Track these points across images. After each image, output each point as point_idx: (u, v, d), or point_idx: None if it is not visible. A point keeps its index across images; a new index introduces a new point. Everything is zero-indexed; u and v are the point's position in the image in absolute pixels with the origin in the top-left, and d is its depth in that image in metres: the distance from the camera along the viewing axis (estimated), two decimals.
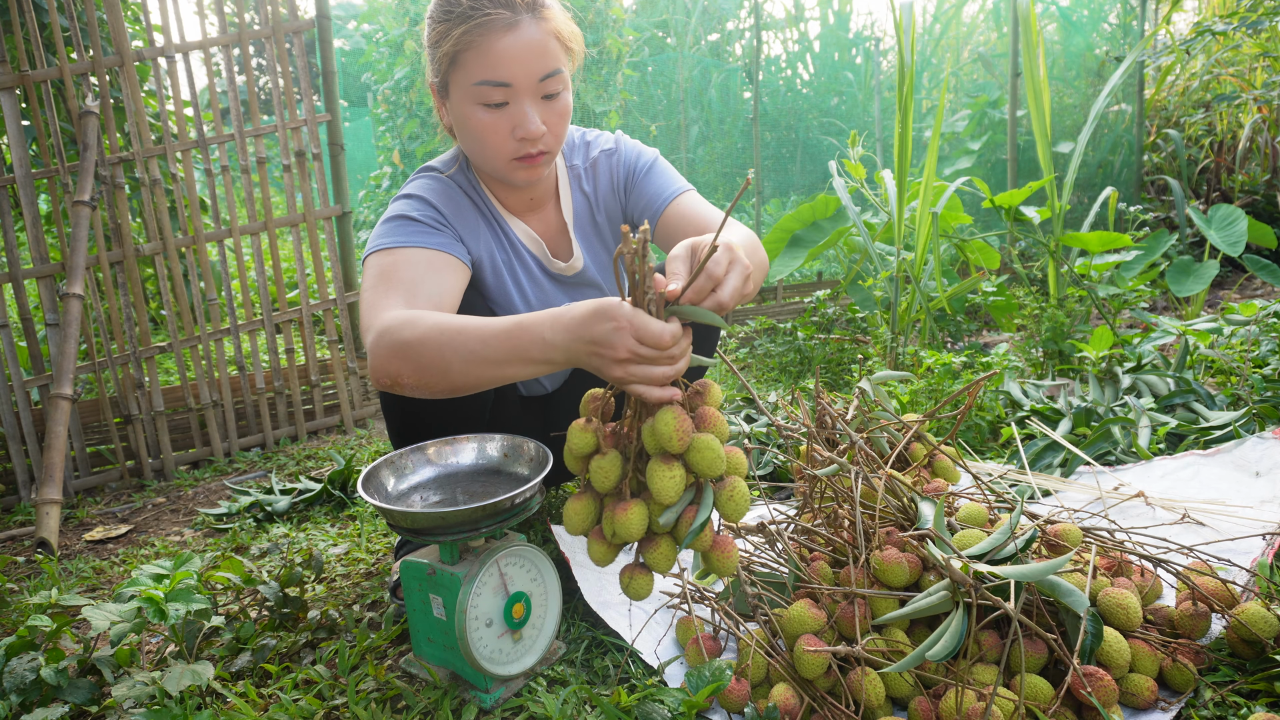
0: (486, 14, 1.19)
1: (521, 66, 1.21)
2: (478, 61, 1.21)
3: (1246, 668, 1.10)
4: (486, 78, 1.21)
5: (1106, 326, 2.59)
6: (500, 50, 1.20)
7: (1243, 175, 4.72)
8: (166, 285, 2.71)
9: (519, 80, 1.22)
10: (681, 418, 0.94)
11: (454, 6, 1.22)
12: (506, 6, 1.21)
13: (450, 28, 1.22)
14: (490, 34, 1.20)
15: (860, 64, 6.68)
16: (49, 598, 1.36)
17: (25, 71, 2.45)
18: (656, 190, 1.45)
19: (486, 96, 1.23)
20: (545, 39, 1.23)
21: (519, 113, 1.24)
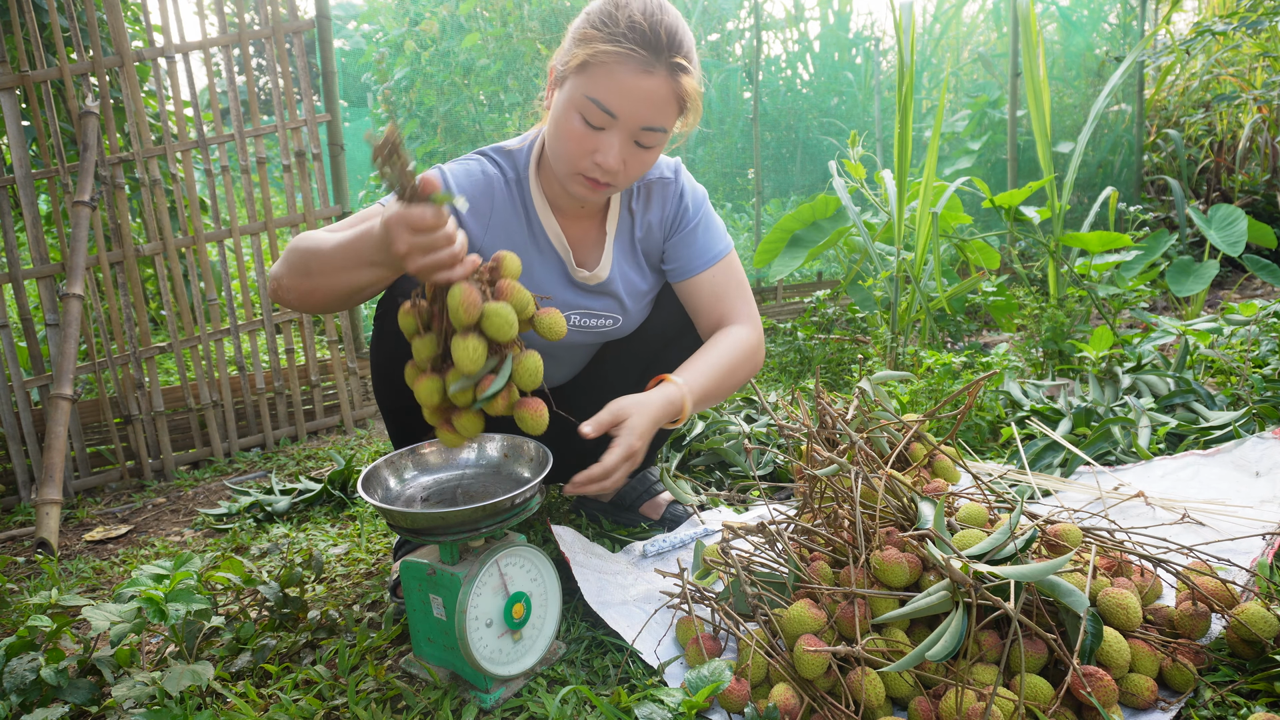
0: (632, 49, 1.23)
1: (634, 109, 1.25)
2: (601, 82, 1.25)
3: (1246, 668, 1.10)
4: (599, 99, 1.25)
5: (1106, 326, 2.59)
6: (625, 85, 1.24)
7: (1243, 175, 4.72)
8: (166, 285, 2.71)
9: (624, 118, 1.26)
10: (468, 291, 1.07)
11: (612, 24, 1.24)
12: (654, 52, 1.24)
13: (597, 39, 1.25)
14: (625, 66, 1.23)
15: (860, 64, 6.67)
16: (49, 598, 1.36)
17: (25, 72, 2.45)
18: (696, 253, 1.52)
19: (590, 113, 1.26)
20: (669, 95, 1.27)
21: (607, 142, 1.28)
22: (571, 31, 1.32)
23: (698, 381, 1.39)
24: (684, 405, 1.36)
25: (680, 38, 1.27)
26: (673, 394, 1.35)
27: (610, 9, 1.26)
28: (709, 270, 1.51)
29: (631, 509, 1.77)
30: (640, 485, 1.77)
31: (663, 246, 1.53)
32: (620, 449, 1.25)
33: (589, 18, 1.28)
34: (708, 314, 1.53)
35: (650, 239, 1.53)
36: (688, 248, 1.51)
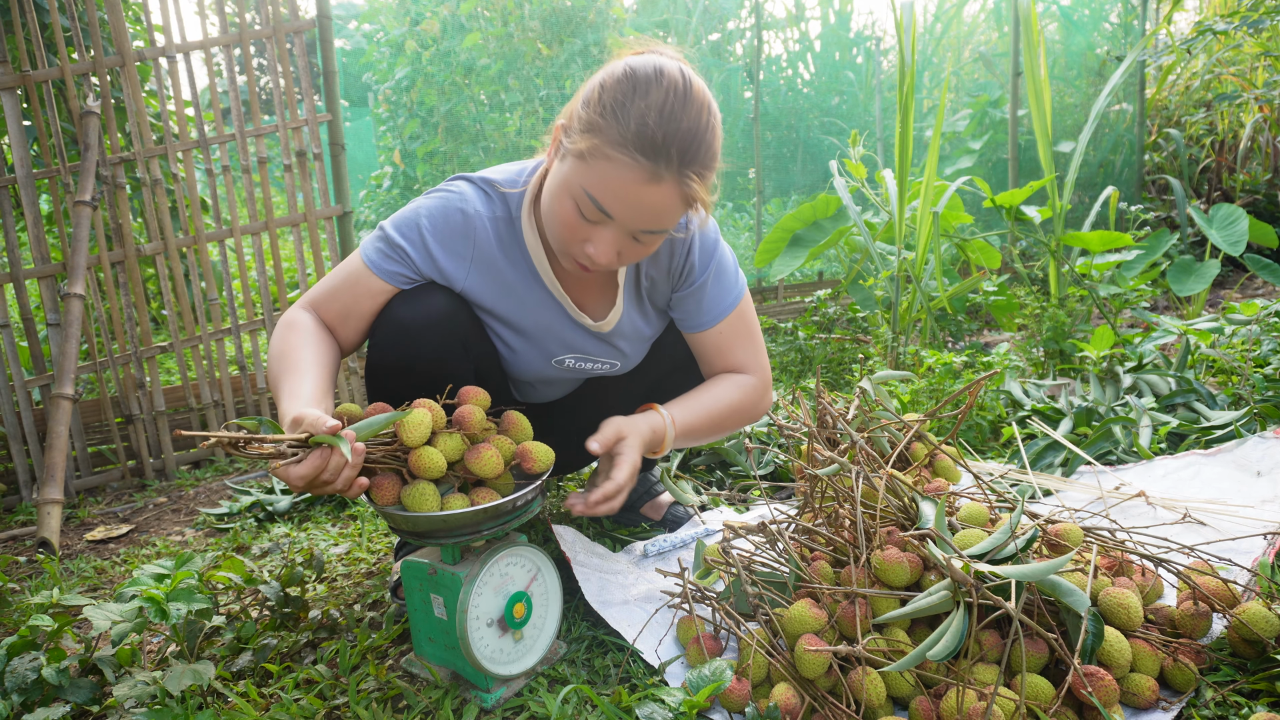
0: (636, 159, 1.10)
1: (632, 214, 1.15)
2: (600, 180, 1.13)
3: (1248, 667, 1.10)
4: (596, 197, 1.14)
5: (1107, 326, 2.59)
6: (625, 192, 1.12)
7: (1244, 175, 4.72)
8: (168, 285, 2.71)
9: (621, 221, 1.16)
10: (378, 486, 1.10)
11: (622, 121, 1.10)
12: (663, 164, 1.11)
13: (602, 133, 1.12)
14: (628, 173, 1.11)
15: (861, 63, 6.67)
16: (50, 597, 1.36)
17: (26, 71, 2.45)
18: (705, 309, 1.43)
19: (584, 206, 1.15)
20: (674, 201, 1.15)
21: (600, 237, 1.18)
22: (582, 98, 1.18)
23: (684, 418, 1.38)
24: (665, 438, 1.35)
25: (697, 144, 1.13)
26: (657, 424, 1.35)
27: (625, 94, 1.12)
28: (714, 328, 1.44)
29: (633, 509, 1.77)
30: (641, 486, 1.77)
31: (669, 297, 1.46)
32: (626, 466, 1.27)
33: (602, 96, 1.14)
34: (712, 364, 1.49)
35: (656, 290, 1.45)
36: (695, 303, 1.43)
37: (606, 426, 1.30)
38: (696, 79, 1.17)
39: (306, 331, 1.28)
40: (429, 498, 1.09)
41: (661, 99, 1.11)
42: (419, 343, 1.29)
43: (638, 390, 1.59)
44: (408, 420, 1.10)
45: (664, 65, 1.15)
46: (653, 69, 1.14)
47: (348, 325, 1.33)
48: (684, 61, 1.26)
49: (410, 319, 1.29)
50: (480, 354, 1.39)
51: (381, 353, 1.31)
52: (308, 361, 1.22)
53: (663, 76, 1.13)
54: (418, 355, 1.29)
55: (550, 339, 1.42)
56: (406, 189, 6.36)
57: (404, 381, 1.29)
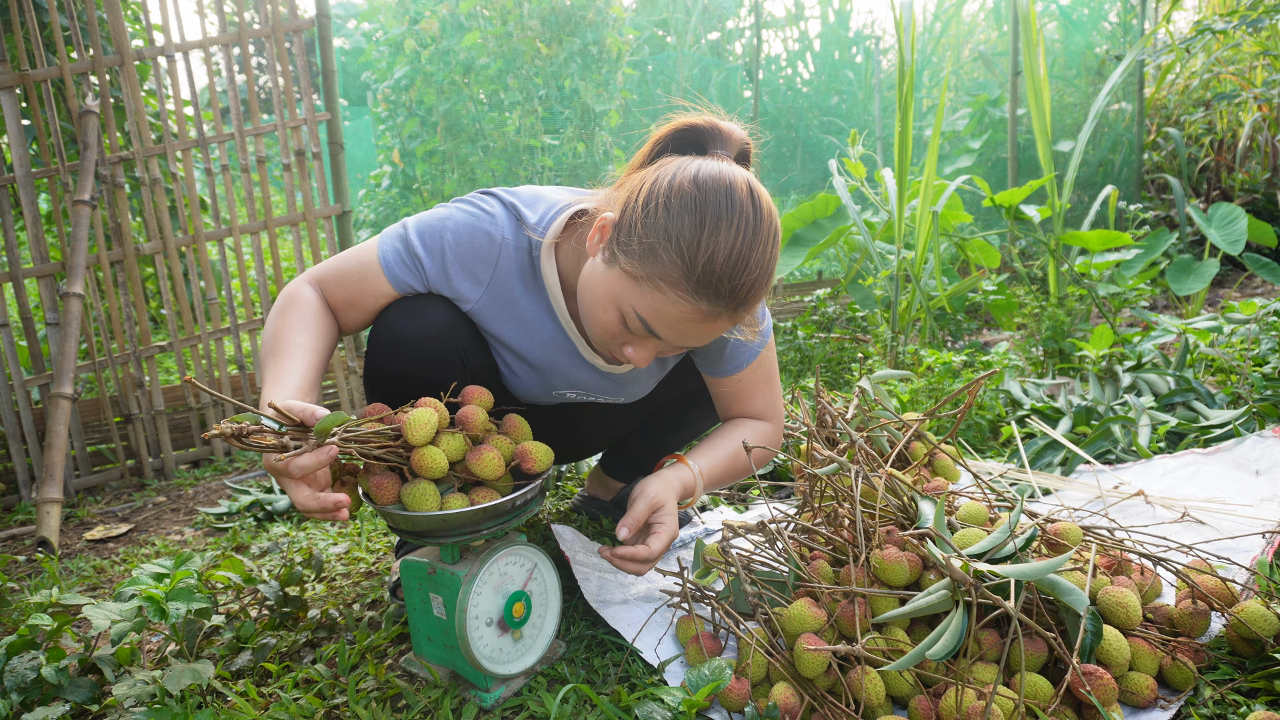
0: (696, 303, 1.06)
1: (680, 338, 1.13)
2: (652, 309, 1.09)
3: (1246, 666, 1.10)
4: (648, 321, 1.10)
5: (1107, 325, 2.59)
6: (679, 323, 1.09)
7: (1243, 174, 4.72)
8: (167, 284, 2.71)
9: (666, 339, 1.13)
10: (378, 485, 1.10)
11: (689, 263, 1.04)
12: (722, 304, 1.07)
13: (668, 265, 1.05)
14: (685, 310, 1.07)
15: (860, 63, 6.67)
16: (50, 597, 1.36)
17: (25, 71, 2.45)
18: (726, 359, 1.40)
19: (630, 321, 1.12)
20: (721, 330, 1.14)
21: (643, 348, 1.16)
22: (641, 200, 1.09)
23: (710, 469, 1.37)
24: (696, 491, 1.35)
25: (758, 290, 1.09)
26: (688, 480, 1.33)
27: (692, 230, 1.04)
28: (734, 376, 1.42)
29: None
30: None
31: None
32: (664, 536, 1.24)
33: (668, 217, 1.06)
34: (729, 408, 1.47)
35: None
36: (718, 353, 1.39)
37: (639, 499, 1.26)
38: (764, 198, 1.10)
39: (307, 311, 1.26)
40: (429, 497, 1.09)
41: (732, 241, 1.05)
42: (416, 354, 1.28)
43: (643, 406, 1.59)
44: (413, 419, 1.09)
45: (733, 186, 1.07)
46: (723, 193, 1.06)
47: (350, 313, 1.32)
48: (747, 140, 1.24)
49: (408, 331, 1.28)
50: (477, 366, 1.36)
51: (379, 362, 1.30)
52: (301, 346, 1.20)
53: (735, 209, 1.06)
54: (415, 366, 1.28)
55: (555, 375, 1.40)
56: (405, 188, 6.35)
57: (400, 391, 1.28)
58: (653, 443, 1.67)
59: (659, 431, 1.66)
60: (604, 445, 1.74)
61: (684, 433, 1.65)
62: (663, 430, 1.65)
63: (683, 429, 1.64)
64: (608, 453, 1.78)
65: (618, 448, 1.73)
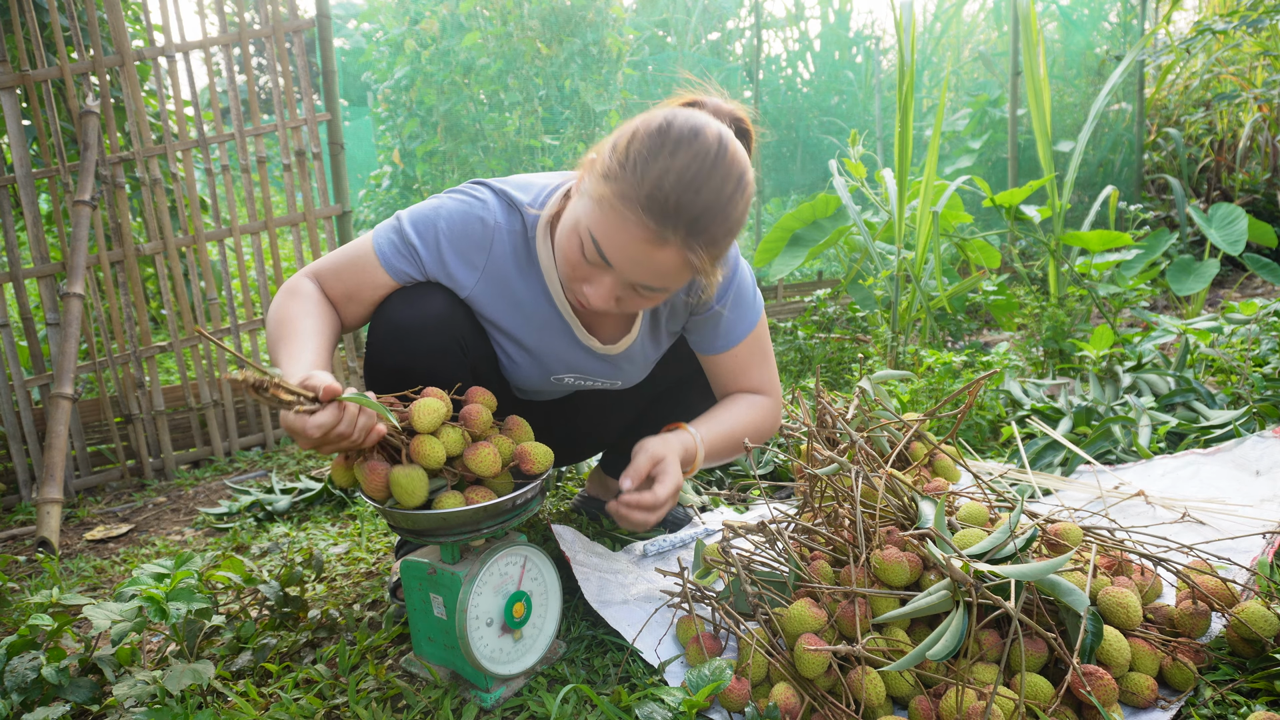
0: (643, 218, 1.07)
1: (630, 267, 1.12)
2: (605, 229, 1.10)
3: (1246, 666, 1.10)
4: (600, 243, 1.11)
5: (1107, 325, 2.59)
6: (627, 246, 1.10)
7: (1243, 174, 4.72)
8: (167, 285, 2.71)
9: (620, 271, 1.13)
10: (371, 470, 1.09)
11: (639, 177, 1.07)
12: (669, 227, 1.07)
13: (618, 183, 1.08)
14: (632, 230, 1.08)
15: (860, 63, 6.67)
16: (50, 597, 1.36)
17: (26, 71, 2.45)
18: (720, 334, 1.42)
19: (588, 249, 1.13)
20: (678, 266, 1.12)
21: (599, 281, 1.16)
22: (613, 139, 1.14)
23: (710, 438, 1.37)
24: (696, 457, 1.34)
25: (711, 218, 1.09)
26: (688, 443, 1.33)
27: (652, 150, 1.08)
28: (730, 351, 1.43)
29: None
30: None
31: (686, 320, 1.44)
32: (669, 482, 1.25)
33: (630, 144, 1.10)
34: (725, 386, 1.48)
35: (674, 314, 1.43)
36: (712, 329, 1.42)
37: (640, 453, 1.27)
38: (734, 146, 1.12)
39: (310, 300, 1.27)
40: (418, 485, 1.07)
41: (685, 164, 1.07)
42: (416, 344, 1.29)
43: (639, 399, 1.59)
44: (421, 405, 1.10)
45: (703, 128, 1.10)
46: (689, 129, 1.09)
47: (349, 306, 1.32)
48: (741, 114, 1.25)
49: (408, 320, 1.28)
50: (478, 356, 1.38)
51: (379, 354, 1.31)
52: (309, 330, 1.21)
53: (696, 140, 1.08)
54: (415, 357, 1.29)
55: (552, 358, 1.41)
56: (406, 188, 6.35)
57: (401, 382, 1.29)
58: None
59: (656, 427, 1.66)
60: (602, 444, 1.74)
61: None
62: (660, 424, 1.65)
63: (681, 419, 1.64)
64: (607, 452, 1.79)
65: (617, 446, 1.73)
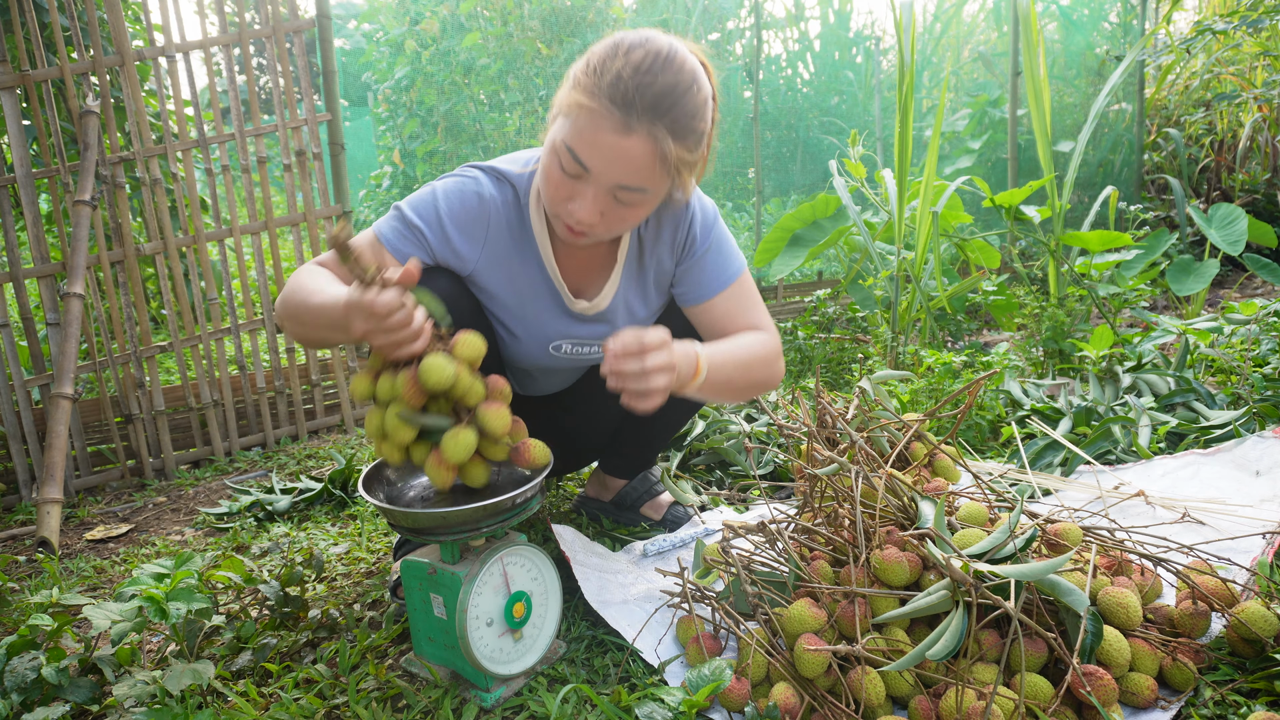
0: (609, 109, 1.14)
1: (607, 166, 1.18)
2: (577, 134, 1.18)
3: (1246, 666, 1.10)
4: (574, 149, 1.18)
5: (1107, 325, 2.59)
6: (597, 141, 1.16)
7: (1243, 174, 4.72)
8: (167, 285, 2.71)
9: (597, 174, 1.19)
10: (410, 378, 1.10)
11: (598, 75, 1.16)
12: (631, 114, 1.14)
13: (581, 87, 1.17)
14: (600, 123, 1.15)
15: (860, 63, 6.67)
16: (50, 597, 1.36)
17: (26, 71, 2.45)
18: (707, 280, 1.45)
19: (565, 161, 1.20)
20: (648, 157, 1.17)
21: (581, 193, 1.21)
22: (570, 71, 1.24)
23: (713, 353, 1.30)
24: (698, 364, 1.25)
25: (671, 101, 1.16)
26: (689, 349, 1.25)
27: (607, 57, 1.17)
28: (720, 295, 1.46)
29: (632, 509, 1.77)
30: (641, 486, 1.77)
31: (673, 272, 1.47)
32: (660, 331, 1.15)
33: (587, 60, 1.21)
34: (722, 333, 1.47)
35: (661, 266, 1.47)
36: (699, 273, 1.45)
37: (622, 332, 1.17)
38: (687, 54, 1.19)
39: (327, 275, 1.28)
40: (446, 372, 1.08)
41: (640, 58, 1.15)
42: None
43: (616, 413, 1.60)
44: (465, 336, 1.13)
45: (653, 36, 1.19)
46: (641, 37, 1.18)
47: None
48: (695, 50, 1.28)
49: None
50: None
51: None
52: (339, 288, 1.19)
53: (648, 43, 1.17)
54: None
55: (548, 325, 1.45)
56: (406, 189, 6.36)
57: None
58: (647, 431, 1.68)
59: (650, 421, 1.67)
60: (595, 443, 1.74)
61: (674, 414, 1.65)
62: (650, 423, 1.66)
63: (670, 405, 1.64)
64: (605, 454, 1.79)
65: (614, 445, 1.74)
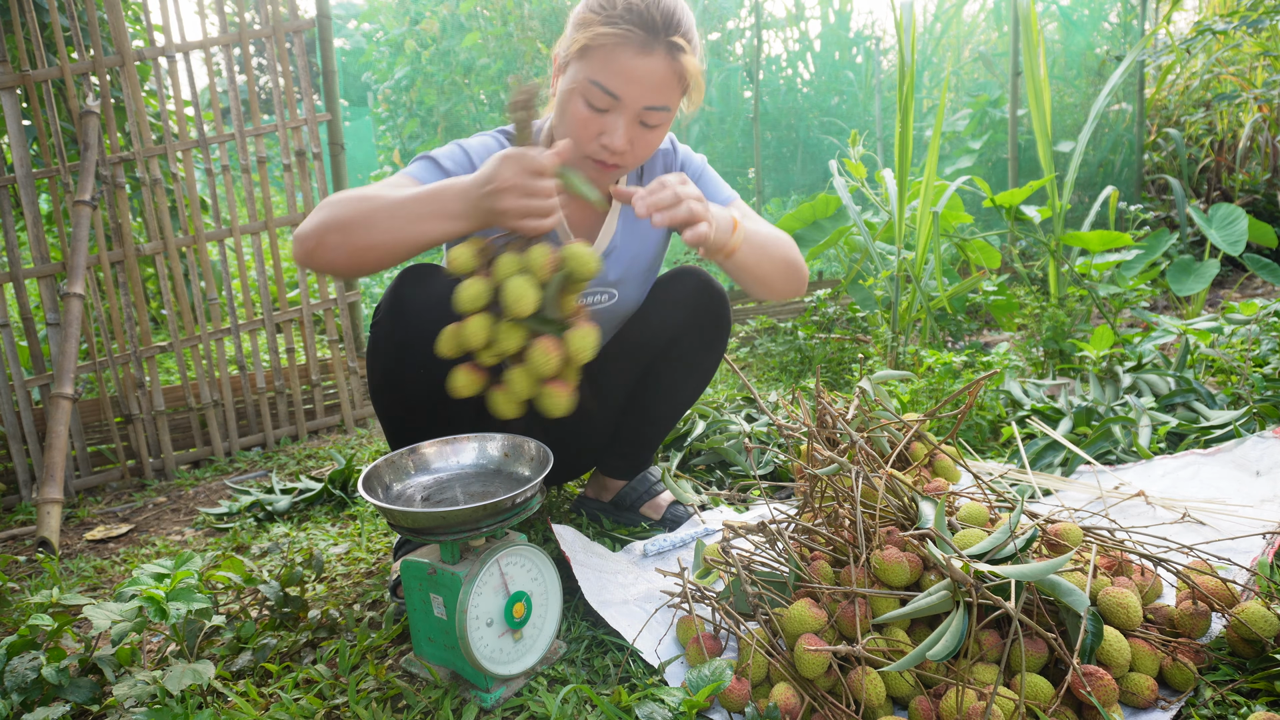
0: (630, 29, 1.25)
1: (635, 89, 1.27)
2: (602, 65, 1.27)
3: (1247, 667, 1.10)
4: (601, 81, 1.27)
5: (1107, 326, 2.59)
6: (624, 66, 1.26)
7: (1243, 174, 4.72)
8: (167, 285, 2.71)
9: (627, 99, 1.28)
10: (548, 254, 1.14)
11: (610, 6, 1.27)
12: (650, 31, 1.26)
13: (595, 22, 1.27)
14: (623, 47, 1.26)
15: (861, 63, 6.67)
16: (50, 597, 1.36)
17: (26, 71, 2.45)
18: (709, 194, 1.54)
19: (593, 96, 1.28)
20: (669, 75, 1.29)
21: (612, 124, 1.30)
22: (572, 17, 1.33)
23: (746, 223, 1.38)
24: (735, 222, 1.33)
25: (678, 17, 1.28)
26: (722, 210, 1.34)
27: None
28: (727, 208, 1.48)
29: (632, 509, 1.77)
30: (640, 486, 1.77)
31: None
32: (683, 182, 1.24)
33: (588, 3, 1.30)
34: None
35: None
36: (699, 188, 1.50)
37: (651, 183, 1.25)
38: None
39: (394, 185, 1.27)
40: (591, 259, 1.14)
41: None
42: (420, 321, 1.32)
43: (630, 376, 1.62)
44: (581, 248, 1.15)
45: None
46: None
47: None
48: None
49: (415, 297, 1.33)
50: None
51: (383, 326, 1.36)
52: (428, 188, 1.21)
53: None
54: (418, 333, 1.32)
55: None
56: None
57: (401, 356, 1.32)
58: (643, 429, 1.68)
59: (647, 419, 1.68)
60: (593, 443, 1.74)
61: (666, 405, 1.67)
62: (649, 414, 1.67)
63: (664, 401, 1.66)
64: (603, 452, 1.79)
65: (613, 445, 1.74)
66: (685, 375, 1.61)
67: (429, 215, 1.16)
